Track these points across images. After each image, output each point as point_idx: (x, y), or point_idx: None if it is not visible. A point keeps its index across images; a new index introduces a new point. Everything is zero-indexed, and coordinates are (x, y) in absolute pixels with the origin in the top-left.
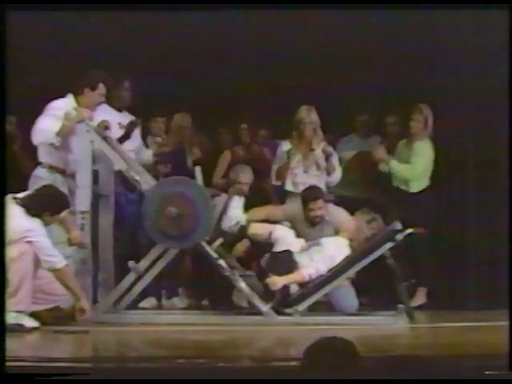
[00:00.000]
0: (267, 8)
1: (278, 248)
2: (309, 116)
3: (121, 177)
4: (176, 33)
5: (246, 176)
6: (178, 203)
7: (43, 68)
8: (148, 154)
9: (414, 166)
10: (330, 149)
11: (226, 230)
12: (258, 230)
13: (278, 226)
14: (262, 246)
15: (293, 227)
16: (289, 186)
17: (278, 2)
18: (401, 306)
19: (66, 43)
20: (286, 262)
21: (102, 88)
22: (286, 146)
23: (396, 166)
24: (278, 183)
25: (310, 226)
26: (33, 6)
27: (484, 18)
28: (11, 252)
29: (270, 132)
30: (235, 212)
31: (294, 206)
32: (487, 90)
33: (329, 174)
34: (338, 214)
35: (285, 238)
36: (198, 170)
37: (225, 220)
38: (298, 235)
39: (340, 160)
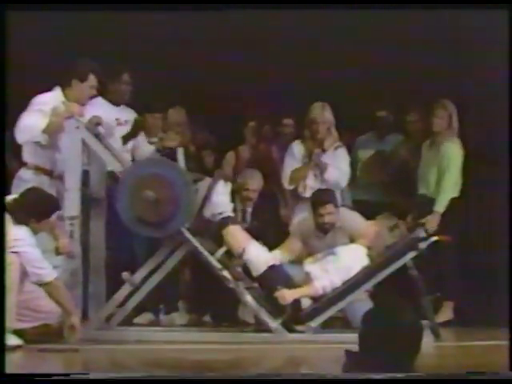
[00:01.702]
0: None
1: (251, 267)
2: (322, 114)
3: (114, 178)
4: (177, 25)
5: (254, 182)
6: (155, 186)
7: (44, 68)
8: (149, 151)
9: (452, 178)
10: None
11: (209, 217)
12: (233, 239)
13: (251, 245)
14: None
15: (303, 237)
16: (300, 191)
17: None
18: (425, 322)
19: (66, 42)
20: (277, 276)
21: (92, 79)
22: (297, 146)
23: (443, 203)
24: (291, 187)
25: (320, 234)
26: (33, 6)
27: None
28: None
29: (277, 129)
30: (220, 198)
31: (303, 217)
32: (487, 90)
33: (321, 173)
34: (353, 220)
35: (256, 259)
36: (180, 152)
37: (208, 206)
38: (308, 244)
39: (357, 160)
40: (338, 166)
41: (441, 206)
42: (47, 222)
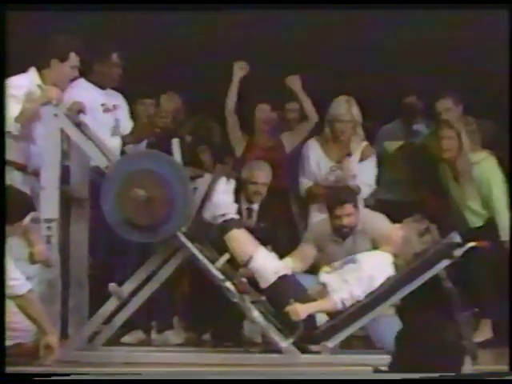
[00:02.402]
0: None
1: (259, 277)
2: (349, 111)
3: (99, 175)
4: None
5: (263, 174)
6: (146, 184)
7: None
8: (114, 144)
9: (502, 198)
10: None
11: (209, 220)
12: (238, 245)
13: (258, 252)
14: None
15: (318, 243)
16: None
17: None
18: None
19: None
20: (288, 288)
21: (73, 58)
22: (314, 148)
23: (506, 228)
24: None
25: (338, 239)
26: (33, 6)
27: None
28: None
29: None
30: (222, 198)
31: (318, 219)
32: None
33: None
34: (377, 222)
35: (265, 268)
36: (175, 143)
37: (208, 207)
38: (324, 251)
39: (382, 153)
40: (365, 181)
41: (506, 234)
42: (20, 225)
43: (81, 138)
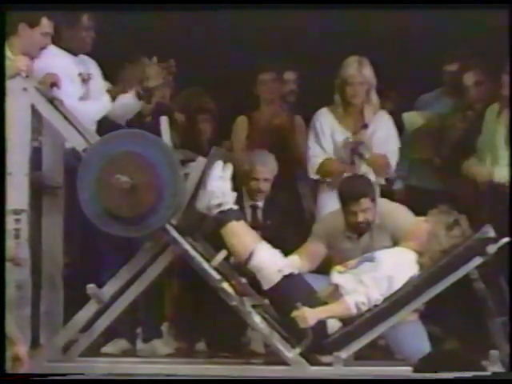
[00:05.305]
0: None
1: (261, 276)
2: (360, 73)
3: (75, 158)
4: None
5: (266, 170)
6: (130, 169)
7: None
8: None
9: None
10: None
11: (203, 210)
12: (236, 239)
13: (260, 247)
14: None
15: (329, 239)
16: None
17: None
18: (494, 352)
19: None
20: (295, 290)
21: (45, 24)
22: (327, 116)
23: None
24: (316, 177)
25: (352, 236)
26: (33, 6)
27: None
28: None
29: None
30: (219, 185)
31: (329, 211)
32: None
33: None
34: (398, 216)
35: (268, 266)
36: (163, 121)
37: (202, 196)
38: (336, 248)
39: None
40: (388, 157)
41: None
42: None
43: (54, 115)
